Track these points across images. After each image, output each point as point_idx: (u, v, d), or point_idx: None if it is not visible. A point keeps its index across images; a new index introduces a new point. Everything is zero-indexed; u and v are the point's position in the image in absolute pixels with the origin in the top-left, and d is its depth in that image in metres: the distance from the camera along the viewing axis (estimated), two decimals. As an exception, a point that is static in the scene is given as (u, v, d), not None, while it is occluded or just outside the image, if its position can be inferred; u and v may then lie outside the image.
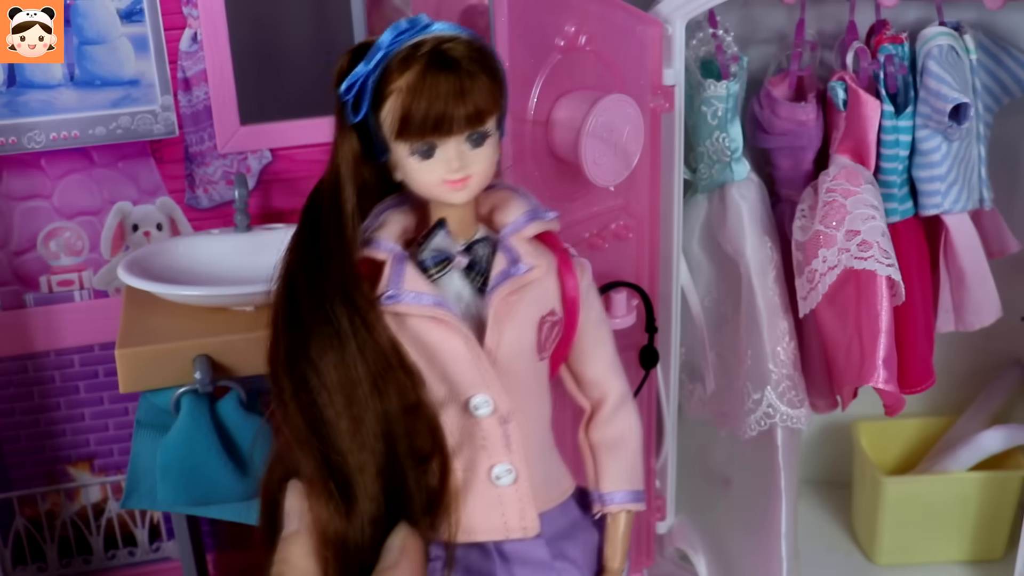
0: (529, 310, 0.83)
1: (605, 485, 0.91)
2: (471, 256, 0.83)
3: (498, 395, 0.82)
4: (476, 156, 0.80)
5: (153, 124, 1.55)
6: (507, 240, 0.84)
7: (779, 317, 1.40)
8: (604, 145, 1.14)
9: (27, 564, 1.74)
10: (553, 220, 0.87)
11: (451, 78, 0.77)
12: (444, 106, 0.77)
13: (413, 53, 0.78)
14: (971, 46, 1.34)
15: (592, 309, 0.90)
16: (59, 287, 1.60)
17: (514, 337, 0.83)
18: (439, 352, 0.81)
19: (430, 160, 0.79)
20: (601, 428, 0.91)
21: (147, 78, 1.53)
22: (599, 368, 0.91)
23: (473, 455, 0.84)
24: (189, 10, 1.52)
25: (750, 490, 1.51)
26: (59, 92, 1.51)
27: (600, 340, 0.91)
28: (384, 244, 0.81)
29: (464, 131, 0.79)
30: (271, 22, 1.60)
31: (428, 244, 0.83)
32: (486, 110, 0.79)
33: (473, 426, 0.83)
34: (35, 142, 1.52)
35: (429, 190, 0.81)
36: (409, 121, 0.77)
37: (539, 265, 0.83)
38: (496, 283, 0.82)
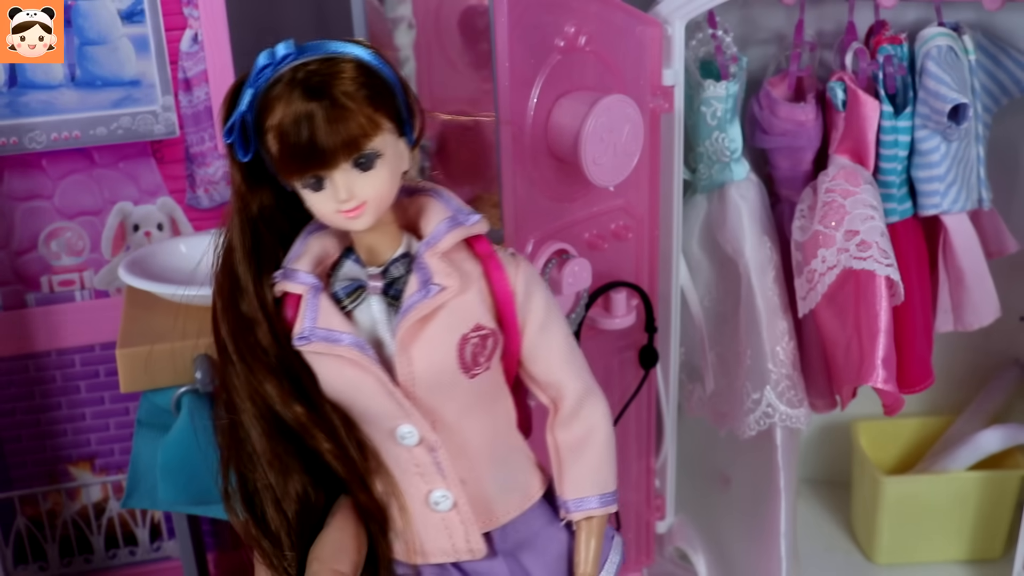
0: (445, 331, 0.80)
1: (568, 492, 0.88)
2: (387, 278, 0.81)
3: (420, 424, 0.81)
4: (367, 180, 0.76)
5: (154, 124, 1.55)
6: (422, 257, 0.80)
7: (778, 317, 1.40)
8: (604, 145, 1.15)
9: (28, 563, 1.74)
10: (478, 223, 0.83)
11: (319, 108, 0.74)
12: (314, 138, 0.74)
13: (274, 90, 0.75)
14: (970, 46, 1.34)
15: (534, 309, 0.85)
16: (60, 287, 1.60)
17: (427, 364, 0.80)
18: (357, 389, 0.80)
19: (321, 192, 0.77)
20: (563, 429, 0.88)
21: (148, 78, 1.53)
22: (551, 368, 0.87)
23: (410, 482, 0.84)
24: (190, 10, 1.52)
25: (750, 490, 1.52)
26: (60, 92, 1.51)
27: (548, 339, 0.87)
28: (300, 277, 0.80)
29: (343, 160, 0.75)
30: (271, 23, 1.60)
31: (337, 275, 0.81)
32: (363, 135, 0.75)
33: (405, 454, 0.83)
34: (36, 142, 1.52)
35: (330, 220, 0.79)
36: (286, 159, 0.75)
37: (451, 284, 0.79)
38: (405, 309, 0.79)
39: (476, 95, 1.52)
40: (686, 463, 1.57)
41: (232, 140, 0.78)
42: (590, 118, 1.12)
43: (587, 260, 1.20)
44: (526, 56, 1.12)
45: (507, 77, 1.10)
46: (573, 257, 1.19)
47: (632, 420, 1.42)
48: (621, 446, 1.43)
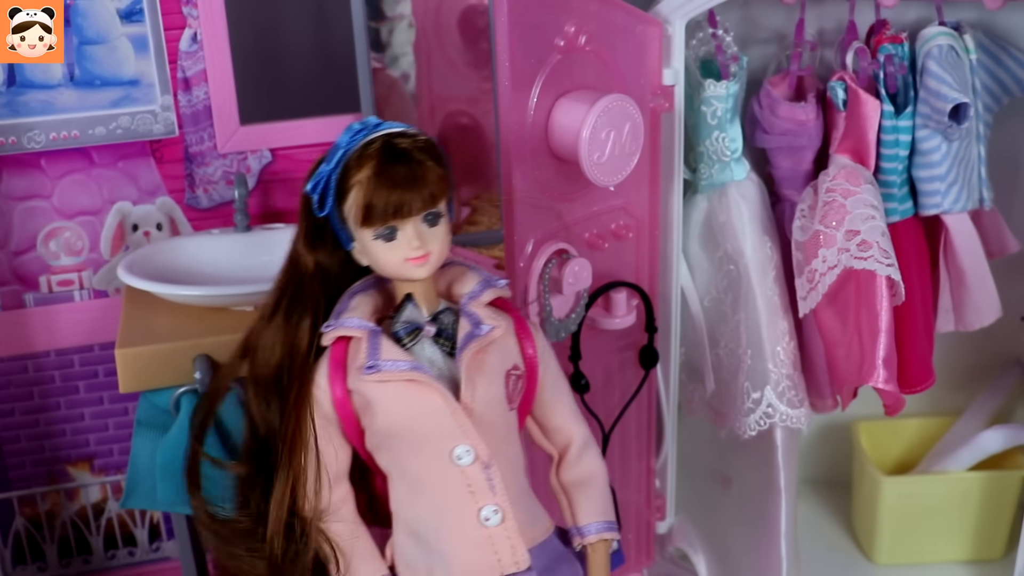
0: (496, 364, 0.95)
1: (581, 519, 1.02)
2: (438, 324, 0.94)
3: (478, 444, 0.92)
4: (433, 234, 0.91)
5: (153, 124, 1.55)
6: (467, 307, 0.95)
7: (779, 317, 1.40)
8: (604, 145, 1.14)
9: (27, 564, 1.74)
10: (504, 288, 0.97)
11: (404, 168, 0.88)
12: (402, 192, 0.88)
13: (367, 150, 0.90)
14: (971, 46, 1.34)
15: (550, 364, 1.01)
16: (59, 287, 1.60)
17: (486, 389, 0.93)
18: (420, 410, 0.92)
19: (393, 242, 0.90)
20: (570, 470, 1.02)
21: (147, 78, 1.53)
22: (561, 417, 1.02)
23: (460, 503, 0.94)
24: (189, 10, 1.52)
25: (750, 490, 1.51)
26: (59, 92, 1.51)
27: (560, 391, 1.02)
28: (356, 323, 0.93)
29: (421, 212, 0.90)
30: (271, 23, 1.60)
31: (399, 317, 0.93)
32: (438, 193, 0.90)
33: (458, 475, 0.93)
34: (35, 142, 1.52)
35: (394, 269, 0.92)
36: (372, 208, 0.89)
37: (500, 325, 0.94)
38: (463, 344, 0.93)
39: (476, 94, 1.52)
40: (686, 463, 1.57)
41: (316, 195, 0.92)
42: (590, 117, 1.12)
43: (587, 260, 1.20)
44: (526, 56, 1.12)
45: (507, 77, 1.10)
46: (573, 257, 1.19)
47: (632, 420, 1.42)
48: (621, 446, 1.43)
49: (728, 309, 1.45)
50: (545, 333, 1.22)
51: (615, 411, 1.37)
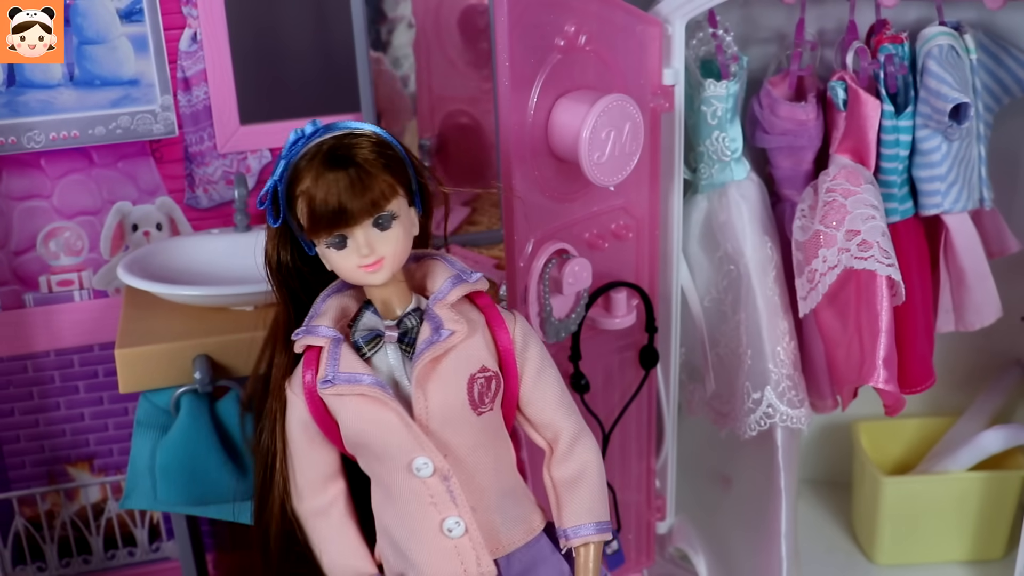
0: (455, 371, 0.91)
1: (567, 520, 0.98)
2: (401, 328, 0.91)
3: (434, 456, 0.90)
4: (385, 238, 0.88)
5: (153, 124, 1.55)
6: (432, 309, 0.92)
7: (779, 317, 1.40)
8: (604, 145, 1.14)
9: (27, 564, 1.74)
10: (478, 281, 0.94)
11: (344, 174, 0.86)
12: (340, 200, 0.86)
13: (308, 158, 0.87)
14: (971, 46, 1.34)
15: (531, 357, 0.96)
16: (59, 287, 1.60)
17: (441, 399, 0.90)
18: (377, 425, 0.90)
19: (344, 249, 0.88)
20: (559, 466, 0.98)
21: (147, 78, 1.53)
22: (547, 410, 0.97)
23: (424, 513, 0.92)
24: (189, 10, 1.52)
25: (750, 490, 1.51)
26: (59, 92, 1.51)
27: (544, 384, 0.97)
28: (322, 331, 0.91)
29: (365, 219, 0.87)
30: (271, 22, 1.60)
31: (357, 326, 0.92)
32: (382, 197, 0.87)
33: (420, 486, 0.91)
34: (35, 142, 1.52)
35: (350, 275, 0.90)
36: (315, 219, 0.87)
37: (459, 329, 0.90)
38: (419, 351, 0.90)
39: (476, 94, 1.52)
40: (686, 463, 1.56)
41: (265, 207, 0.91)
42: (590, 117, 1.12)
43: (587, 260, 1.20)
44: (526, 56, 1.12)
45: (507, 77, 1.10)
46: (573, 257, 1.19)
47: (633, 420, 1.41)
48: (621, 446, 1.43)
49: (728, 309, 1.45)
50: (545, 333, 1.22)
51: (615, 411, 1.37)
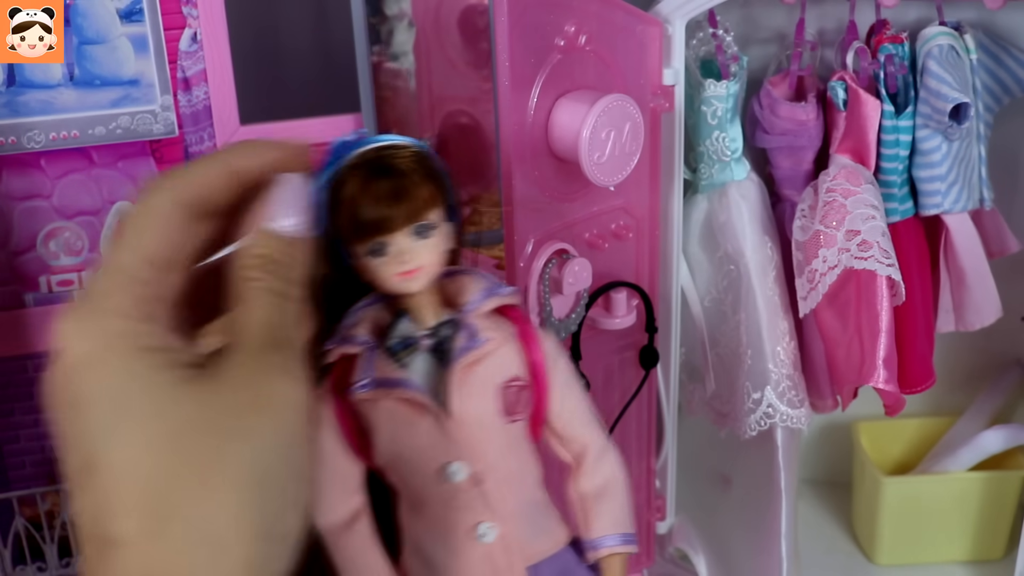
0: (489, 377, 0.91)
1: (594, 532, 0.97)
2: (436, 337, 0.91)
3: (469, 460, 0.89)
4: (423, 247, 0.88)
5: (153, 124, 1.55)
6: (467, 318, 0.92)
7: (779, 317, 1.40)
8: (604, 145, 1.14)
9: (27, 564, 1.74)
10: (510, 295, 0.94)
11: (388, 182, 0.86)
12: (385, 207, 0.86)
13: (353, 167, 0.87)
14: (971, 46, 1.34)
15: (559, 371, 0.96)
16: (59, 287, 1.60)
17: (476, 403, 0.90)
18: (411, 428, 0.89)
19: (383, 257, 0.87)
20: (586, 479, 0.98)
21: (147, 78, 1.53)
22: (574, 424, 0.97)
23: (456, 518, 0.91)
24: (189, 10, 1.52)
25: (750, 490, 1.51)
26: (58, 92, 1.51)
27: (572, 397, 0.97)
28: (357, 339, 0.90)
29: (406, 226, 0.87)
30: (271, 22, 1.60)
31: (393, 332, 0.91)
32: (424, 206, 0.87)
33: (452, 491, 0.90)
34: (34, 142, 1.52)
35: (387, 284, 0.89)
36: (357, 224, 0.86)
37: (495, 337, 0.91)
38: (456, 357, 0.90)
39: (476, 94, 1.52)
40: (686, 463, 1.56)
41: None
42: (590, 117, 1.12)
43: (587, 260, 1.20)
44: (526, 56, 1.12)
45: (507, 77, 1.10)
46: (573, 257, 1.19)
47: (632, 420, 1.41)
48: (622, 447, 1.43)
49: (728, 309, 1.45)
50: None
51: (615, 411, 1.37)
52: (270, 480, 0.56)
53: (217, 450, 0.54)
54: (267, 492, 0.55)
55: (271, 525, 0.55)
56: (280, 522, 0.56)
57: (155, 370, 0.56)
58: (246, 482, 0.54)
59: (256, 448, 0.56)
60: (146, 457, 0.52)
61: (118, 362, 0.56)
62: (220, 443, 0.54)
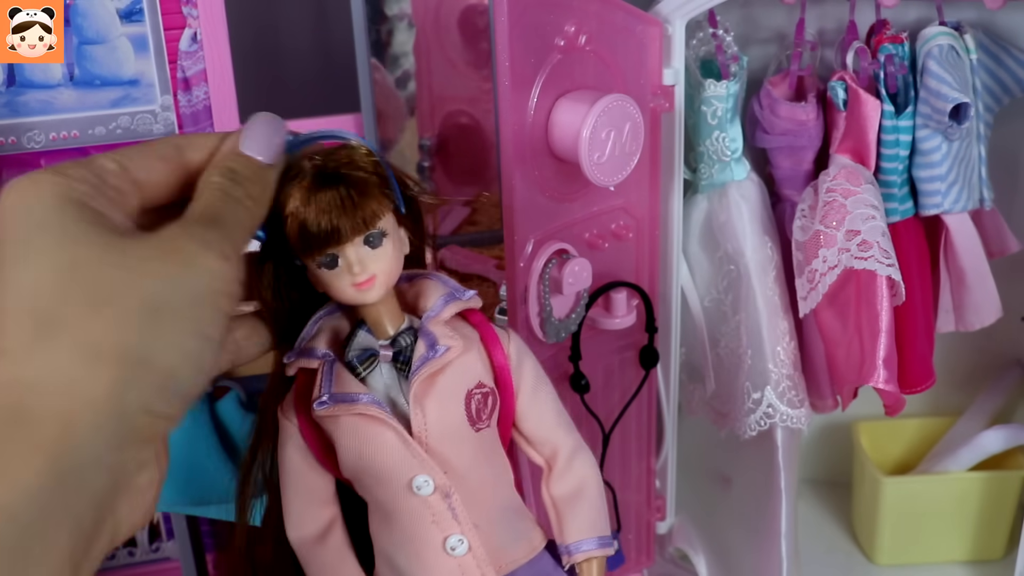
0: (452, 387, 0.88)
1: (569, 536, 0.95)
2: (395, 347, 0.88)
3: (435, 473, 0.87)
4: (376, 256, 0.85)
5: (153, 124, 1.55)
6: (426, 326, 0.89)
7: (779, 317, 1.40)
8: (604, 145, 1.14)
9: (27, 564, 1.74)
10: (471, 299, 0.91)
11: (334, 192, 0.82)
12: (332, 220, 0.82)
13: (297, 177, 0.83)
14: (971, 46, 1.34)
15: (525, 373, 0.94)
16: (59, 287, 1.60)
17: (439, 415, 0.88)
18: (375, 444, 0.87)
19: (336, 269, 0.85)
20: (558, 482, 0.95)
21: (147, 78, 1.53)
22: (544, 426, 0.95)
23: (426, 532, 0.89)
24: (189, 10, 1.52)
25: (750, 490, 1.51)
26: (58, 92, 1.51)
27: (540, 400, 0.95)
28: (316, 352, 0.88)
29: (356, 237, 0.84)
30: (271, 22, 1.60)
31: (351, 345, 0.89)
32: (372, 215, 0.84)
33: (420, 505, 0.88)
34: (35, 142, 1.52)
35: (343, 294, 0.87)
36: (305, 239, 0.83)
37: (455, 344, 0.88)
38: (416, 368, 0.87)
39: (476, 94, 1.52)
40: (686, 463, 1.56)
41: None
42: (590, 117, 1.12)
43: (587, 260, 1.20)
44: (526, 56, 1.12)
45: (507, 77, 1.10)
46: (573, 257, 1.19)
47: (632, 420, 1.41)
48: (622, 446, 1.43)
49: (728, 309, 1.44)
50: (545, 333, 1.22)
51: (615, 411, 1.36)
52: (163, 321, 0.57)
53: (114, 281, 0.56)
54: (157, 329, 0.57)
55: (154, 357, 0.57)
56: (166, 359, 0.58)
57: (77, 218, 0.58)
58: (136, 312, 0.56)
59: (155, 286, 0.57)
60: (44, 280, 0.55)
61: (43, 205, 0.58)
62: (120, 275, 0.56)
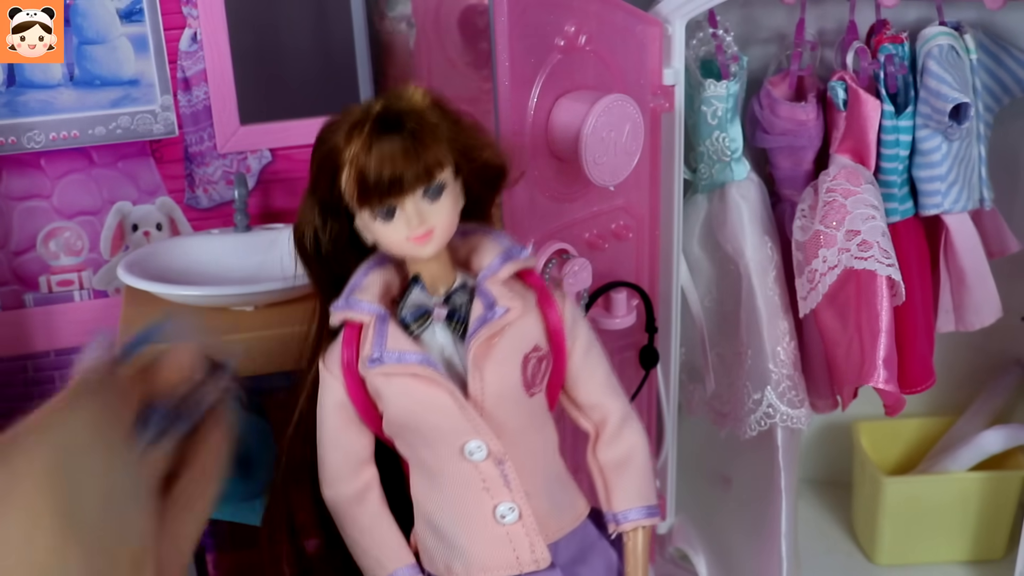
0: (510, 350, 0.86)
1: (617, 504, 0.94)
2: (450, 306, 0.86)
3: (489, 439, 0.86)
4: (435, 209, 0.83)
5: (153, 124, 1.55)
6: (483, 285, 0.87)
7: (779, 317, 1.39)
8: (604, 145, 1.14)
9: (27, 564, 1.74)
10: (528, 258, 0.89)
11: (396, 140, 0.80)
12: (393, 169, 0.80)
13: (357, 121, 0.81)
14: (971, 46, 1.34)
15: (579, 336, 0.92)
16: (59, 287, 1.60)
17: (496, 379, 0.86)
18: (428, 406, 0.85)
19: (392, 221, 0.83)
20: (606, 449, 0.94)
21: (147, 78, 1.53)
22: (595, 391, 0.94)
23: (475, 499, 0.88)
24: (189, 10, 1.52)
25: (750, 490, 1.51)
26: (59, 92, 1.51)
27: (592, 364, 0.93)
28: (365, 307, 0.86)
29: (418, 188, 0.82)
30: (271, 22, 1.59)
31: (405, 302, 0.86)
32: (436, 165, 0.82)
33: (472, 470, 0.87)
34: (35, 142, 1.52)
35: (398, 248, 0.85)
36: (364, 188, 0.81)
37: (515, 306, 0.86)
38: (474, 329, 0.85)
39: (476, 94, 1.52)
40: (686, 463, 1.56)
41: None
42: (590, 117, 1.12)
43: (587, 260, 1.20)
44: (526, 56, 1.11)
45: (507, 77, 1.09)
46: (573, 257, 1.19)
47: (632, 420, 1.41)
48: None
49: (728, 309, 1.44)
50: None
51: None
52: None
53: None
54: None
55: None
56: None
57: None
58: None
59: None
60: None
61: None
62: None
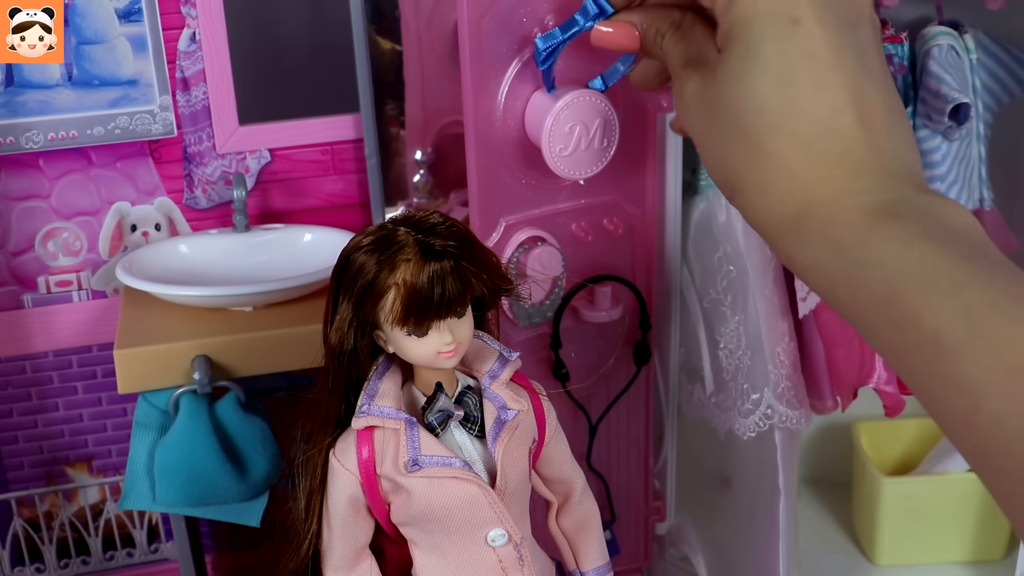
0: (521, 446, 0.94)
1: (585, 564, 1.04)
2: (463, 408, 0.93)
3: (511, 527, 0.93)
4: (461, 325, 0.89)
5: (151, 124, 1.55)
6: (490, 388, 0.94)
7: (779, 318, 1.39)
8: (568, 138, 1.14)
9: (25, 565, 1.74)
10: (517, 360, 0.96)
11: (449, 265, 0.85)
12: (443, 292, 0.85)
13: (400, 249, 0.85)
14: (971, 45, 1.33)
15: (550, 421, 1.00)
16: (57, 287, 1.60)
17: (515, 472, 0.93)
18: (461, 502, 0.91)
19: (425, 337, 0.88)
20: (570, 515, 1.04)
21: (145, 78, 1.53)
22: (565, 468, 1.02)
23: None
24: (187, 10, 1.52)
25: (750, 491, 1.51)
26: (57, 92, 1.50)
27: (561, 444, 1.01)
28: (394, 414, 0.91)
29: (462, 308, 0.88)
30: (270, 22, 1.59)
31: (433, 408, 0.92)
32: (472, 288, 0.87)
33: (491, 555, 0.94)
34: (33, 142, 1.52)
35: (425, 360, 0.90)
36: (410, 312, 0.85)
37: (523, 408, 0.94)
38: (495, 432, 0.92)
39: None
40: (686, 464, 1.56)
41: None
42: (555, 109, 1.12)
43: (558, 249, 1.19)
44: (497, 43, 1.12)
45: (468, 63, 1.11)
46: (541, 245, 1.19)
47: (632, 421, 1.41)
48: (621, 447, 1.43)
49: (728, 310, 1.44)
50: (515, 316, 1.22)
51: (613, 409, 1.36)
52: None
53: None
54: None
55: None
56: None
57: None
58: None
59: None
60: None
61: None
62: None
